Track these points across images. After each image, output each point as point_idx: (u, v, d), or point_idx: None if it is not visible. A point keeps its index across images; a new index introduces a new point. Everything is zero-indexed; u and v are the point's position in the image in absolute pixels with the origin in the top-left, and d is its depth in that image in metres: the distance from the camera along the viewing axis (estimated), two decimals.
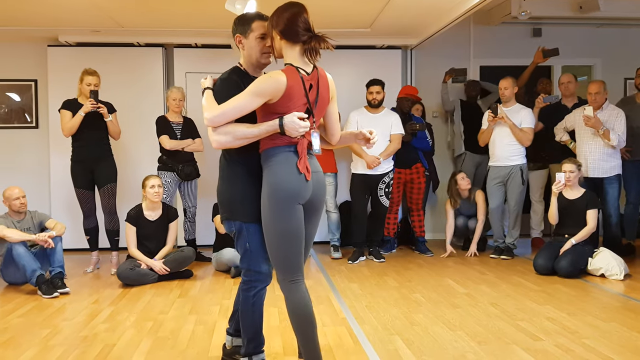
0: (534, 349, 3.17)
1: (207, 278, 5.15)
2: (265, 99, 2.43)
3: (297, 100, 2.48)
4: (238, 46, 2.66)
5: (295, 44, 2.49)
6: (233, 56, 6.24)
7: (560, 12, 6.50)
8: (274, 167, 2.49)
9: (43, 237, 4.65)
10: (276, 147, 2.50)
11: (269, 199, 2.47)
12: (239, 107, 2.43)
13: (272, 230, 2.49)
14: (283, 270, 2.52)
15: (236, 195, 2.59)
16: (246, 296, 2.65)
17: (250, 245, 2.59)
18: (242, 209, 2.57)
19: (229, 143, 2.47)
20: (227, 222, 2.64)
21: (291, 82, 2.44)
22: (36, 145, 6.59)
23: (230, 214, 2.61)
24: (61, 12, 5.31)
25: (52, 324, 3.77)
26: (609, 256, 4.96)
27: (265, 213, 2.50)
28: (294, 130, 2.43)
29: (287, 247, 2.49)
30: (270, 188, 2.47)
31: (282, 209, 2.47)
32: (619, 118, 5.44)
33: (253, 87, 2.43)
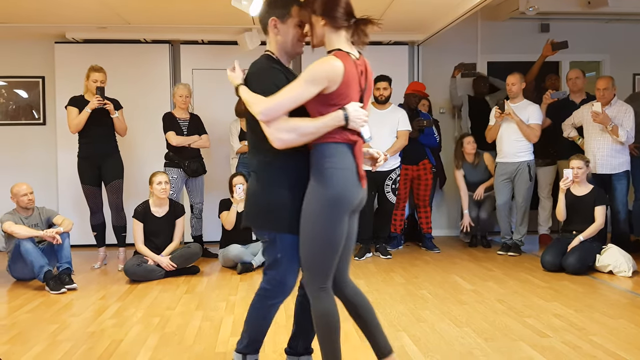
0: (541, 346, 3.16)
1: (213, 274, 5.16)
2: (321, 87, 2.19)
3: (354, 87, 2.28)
4: (270, 31, 2.40)
5: (340, 28, 2.29)
6: (240, 52, 6.29)
7: (569, 7, 6.45)
8: (332, 172, 2.25)
9: (51, 233, 4.67)
10: (333, 143, 2.27)
11: (322, 209, 2.25)
12: (294, 97, 2.19)
13: (317, 240, 2.29)
14: (317, 277, 2.34)
15: (272, 204, 2.35)
16: (263, 303, 2.48)
17: (281, 256, 2.37)
18: (278, 219, 2.35)
19: (294, 141, 2.22)
20: (259, 229, 2.43)
21: (348, 67, 2.23)
22: (43, 141, 6.61)
23: (264, 222, 2.39)
24: (68, 9, 5.32)
25: (59, 320, 3.79)
26: (617, 253, 4.93)
27: (313, 221, 2.28)
28: (359, 122, 2.24)
29: (329, 256, 2.31)
30: (326, 198, 2.24)
31: (334, 220, 2.27)
32: (628, 114, 5.40)
33: (308, 75, 2.19)
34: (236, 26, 5.95)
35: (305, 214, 2.29)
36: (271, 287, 2.44)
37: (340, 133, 2.26)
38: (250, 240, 5.53)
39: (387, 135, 5.62)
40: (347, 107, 2.23)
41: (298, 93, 2.19)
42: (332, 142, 2.26)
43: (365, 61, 2.38)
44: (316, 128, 2.22)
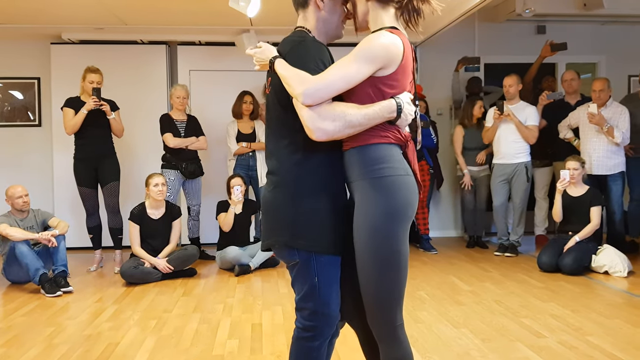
0: (538, 346, 3.17)
1: (211, 276, 5.15)
2: (377, 67, 1.79)
3: (408, 75, 1.88)
4: (312, 4, 1.96)
5: (388, 4, 1.92)
6: (237, 54, 6.28)
7: (565, 9, 6.47)
8: (392, 180, 1.83)
9: (46, 235, 4.64)
10: (385, 144, 1.85)
11: (386, 225, 1.81)
12: (347, 77, 1.76)
13: (385, 260, 1.83)
14: (392, 312, 1.89)
15: (305, 215, 1.88)
16: (309, 347, 1.96)
17: (319, 281, 1.90)
18: (313, 235, 1.88)
19: (339, 132, 1.78)
20: (287, 248, 1.92)
21: (407, 50, 1.86)
22: (39, 143, 6.59)
23: (293, 239, 1.89)
24: (64, 9, 5.30)
25: (55, 323, 3.78)
26: (613, 253, 4.95)
27: (376, 237, 1.82)
28: (408, 119, 1.87)
29: (402, 280, 1.88)
30: (388, 211, 1.81)
31: (402, 233, 1.85)
32: (623, 115, 5.43)
33: (362, 51, 1.78)
34: (234, 27, 5.94)
35: (364, 235, 1.84)
36: (314, 322, 1.94)
37: (391, 131, 1.86)
38: (248, 242, 5.52)
39: None
40: (400, 97, 1.84)
41: (352, 72, 1.77)
42: (384, 143, 1.86)
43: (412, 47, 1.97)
44: (367, 117, 1.79)
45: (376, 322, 1.90)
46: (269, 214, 1.97)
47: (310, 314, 1.94)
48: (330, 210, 1.89)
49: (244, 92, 5.86)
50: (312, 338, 1.95)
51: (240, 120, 5.86)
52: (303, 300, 1.94)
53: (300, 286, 1.95)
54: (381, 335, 1.91)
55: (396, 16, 1.93)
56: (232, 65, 6.54)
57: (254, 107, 5.85)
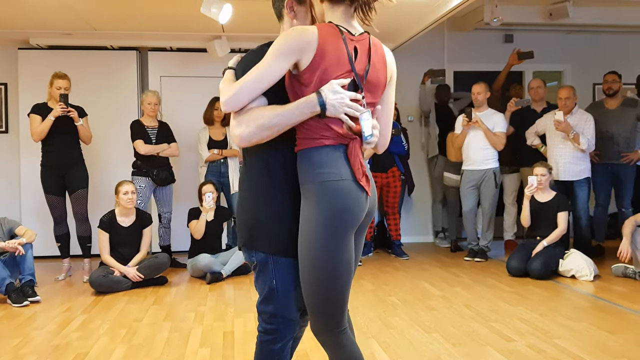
0: (507, 350, 3.22)
1: (182, 284, 5.10)
2: (291, 60, 1.76)
3: (336, 63, 1.80)
4: (286, 15, 1.96)
5: (338, 3, 1.90)
6: (209, 60, 6.26)
7: (531, 18, 6.61)
8: (324, 182, 1.79)
9: (13, 244, 4.54)
10: (323, 147, 1.81)
11: (319, 227, 1.79)
12: (260, 76, 1.75)
13: (319, 267, 1.81)
14: (330, 317, 1.88)
15: (260, 217, 1.90)
16: (270, 350, 1.95)
17: (277, 284, 1.89)
18: (268, 236, 1.89)
19: (255, 135, 1.77)
20: (245, 250, 1.95)
21: (324, 36, 1.79)
22: (6, 150, 6.46)
23: (250, 240, 1.92)
24: (32, 14, 5.22)
25: (22, 333, 3.70)
26: (579, 257, 5.06)
27: (309, 244, 1.81)
28: (341, 108, 1.76)
29: (338, 288, 1.87)
30: (321, 213, 1.79)
31: (336, 240, 1.81)
32: (588, 122, 5.57)
33: (275, 45, 1.77)
34: (205, 33, 5.92)
35: (302, 240, 1.83)
36: (274, 325, 1.94)
37: (330, 130, 1.80)
38: (220, 249, 5.49)
39: None
40: (323, 88, 1.76)
41: (266, 70, 1.76)
42: (320, 146, 1.81)
43: (373, 43, 1.97)
44: (282, 116, 1.76)
45: (317, 329, 1.91)
46: (237, 215, 2.03)
47: (270, 316, 1.94)
48: (287, 212, 1.88)
49: (216, 99, 5.84)
50: (273, 341, 1.96)
51: (212, 126, 5.84)
52: (263, 303, 1.95)
53: (260, 289, 1.95)
54: (324, 341, 1.93)
55: (347, 15, 1.92)
56: (203, 72, 6.51)
57: (225, 113, 5.82)
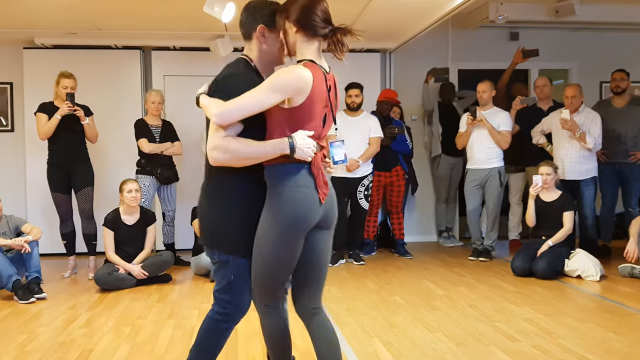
0: (512, 350, 3.21)
1: (186, 282, 5.11)
2: (284, 96, 2.03)
3: (319, 104, 2.13)
4: (256, 39, 2.21)
5: (314, 37, 2.13)
6: (212, 59, 6.26)
7: (537, 16, 6.57)
8: (284, 191, 2.11)
9: (19, 242, 4.57)
10: (287, 164, 2.11)
11: (273, 229, 2.12)
12: (254, 103, 2.03)
13: (267, 260, 2.16)
14: (264, 296, 2.27)
15: (224, 222, 2.19)
16: (217, 328, 2.29)
17: (235, 278, 2.21)
18: (231, 240, 2.19)
19: (228, 162, 2.08)
20: (208, 248, 2.25)
21: (316, 81, 2.08)
22: (12, 148, 6.48)
23: (213, 242, 2.22)
24: (37, 14, 5.24)
25: (28, 330, 3.72)
26: (585, 257, 5.03)
27: (264, 241, 2.14)
28: (306, 152, 2.07)
29: (278, 277, 2.22)
30: (278, 217, 2.11)
31: (287, 242, 2.14)
32: (595, 121, 5.53)
33: (272, 82, 2.03)
34: (208, 33, 5.92)
35: (259, 232, 2.15)
36: (227, 310, 2.26)
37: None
38: None
39: (359, 142, 5.65)
40: (294, 135, 2.07)
41: (259, 99, 2.03)
42: (285, 164, 2.11)
43: (334, 77, 2.24)
44: (255, 154, 2.07)
45: (254, 298, 2.30)
46: (200, 217, 2.29)
47: (225, 303, 2.26)
48: (249, 219, 2.17)
49: None
50: (223, 321, 2.28)
51: None
52: (220, 291, 2.26)
53: (219, 280, 2.25)
54: (256, 307, 2.33)
55: (319, 48, 2.16)
56: (206, 71, 6.41)
57: None
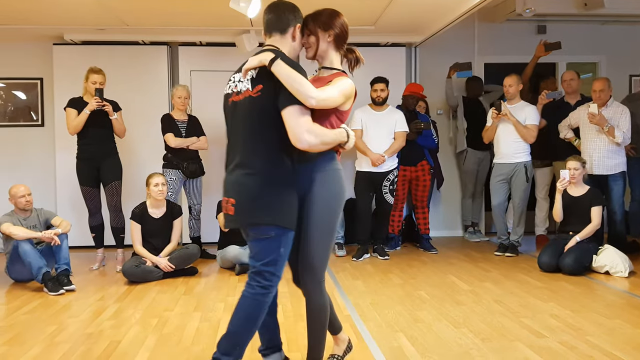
0: (538, 346, 3.18)
1: (211, 275, 5.17)
2: (343, 101, 2.43)
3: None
4: (290, 35, 2.50)
5: (339, 50, 2.57)
6: (238, 54, 6.32)
7: (565, 9, 6.47)
8: (338, 174, 2.54)
9: (49, 234, 4.67)
10: (332, 151, 2.53)
11: (337, 203, 2.52)
12: (335, 100, 2.39)
13: (331, 234, 2.52)
14: (323, 272, 2.54)
15: (282, 200, 2.42)
16: (262, 301, 2.46)
17: (283, 252, 2.44)
18: (287, 215, 2.42)
19: (315, 147, 2.35)
20: (268, 227, 2.40)
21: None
22: (42, 143, 6.61)
23: (272, 218, 2.39)
24: (66, 10, 5.33)
25: (57, 321, 3.80)
26: (614, 253, 4.95)
27: (334, 217, 2.51)
28: (352, 143, 2.51)
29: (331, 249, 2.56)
30: (341, 196, 2.53)
31: (339, 214, 2.54)
32: (624, 115, 5.43)
33: (342, 87, 2.41)
34: (234, 28, 5.96)
35: (324, 211, 2.48)
36: (270, 282, 2.44)
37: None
38: None
39: (385, 136, 5.64)
40: (346, 127, 2.48)
41: (337, 98, 2.38)
42: (330, 151, 2.51)
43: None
44: (331, 140, 2.40)
45: (309, 279, 2.52)
46: (250, 198, 2.40)
47: (270, 275, 2.43)
48: (294, 196, 2.43)
49: None
50: (267, 294, 2.45)
51: None
52: (266, 265, 2.42)
53: (265, 254, 2.42)
54: (311, 288, 2.54)
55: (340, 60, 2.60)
56: (232, 66, 6.37)
57: None
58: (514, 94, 5.76)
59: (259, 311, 2.46)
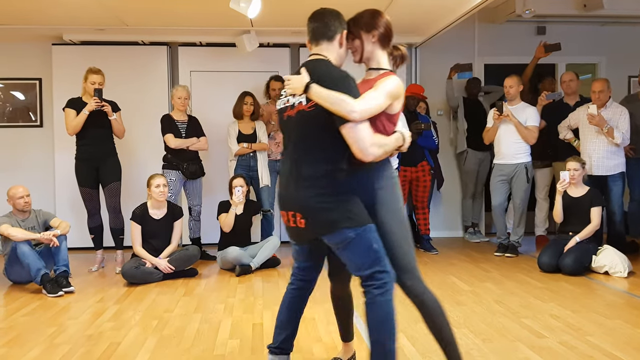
0: (538, 346, 3.18)
1: (212, 276, 5.16)
2: (391, 102, 2.39)
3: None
4: (338, 41, 2.49)
5: (385, 49, 2.54)
6: (238, 55, 6.31)
7: (565, 10, 6.48)
8: (395, 178, 2.55)
9: (48, 235, 4.66)
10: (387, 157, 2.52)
11: (402, 206, 2.53)
12: (380, 105, 2.35)
13: (409, 231, 2.53)
14: (417, 267, 2.51)
15: (349, 202, 2.39)
16: (386, 300, 2.36)
17: (378, 244, 2.39)
18: (359, 213, 2.39)
19: (379, 156, 2.38)
20: (346, 229, 2.36)
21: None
22: (41, 144, 6.60)
23: (351, 220, 2.37)
24: (65, 10, 5.31)
25: (57, 323, 3.79)
26: (613, 253, 4.96)
27: (401, 217, 2.51)
28: (407, 146, 2.50)
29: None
30: (400, 198, 2.53)
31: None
32: (623, 116, 5.44)
33: (387, 89, 2.37)
34: (234, 28, 5.95)
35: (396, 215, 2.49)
36: (384, 279, 2.37)
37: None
38: (249, 242, 5.54)
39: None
40: (400, 130, 2.46)
41: (382, 103, 2.34)
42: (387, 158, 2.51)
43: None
44: (393, 147, 2.43)
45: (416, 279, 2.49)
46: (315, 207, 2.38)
47: (379, 274, 2.36)
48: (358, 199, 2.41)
49: (245, 93, 5.87)
50: (388, 293, 2.36)
51: (241, 120, 5.87)
52: (370, 267, 2.36)
53: (361, 258, 2.37)
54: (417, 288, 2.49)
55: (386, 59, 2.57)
56: (232, 66, 6.56)
57: (254, 107, 5.86)
58: (515, 94, 5.76)
59: (390, 310, 2.37)
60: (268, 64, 6.57)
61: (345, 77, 2.35)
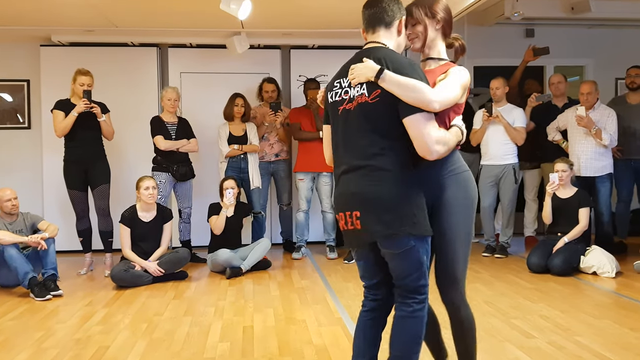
0: (528, 347, 3.19)
1: (202, 279, 5.14)
2: (462, 93, 2.23)
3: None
4: (397, 28, 2.26)
5: (446, 38, 2.37)
6: (228, 56, 6.28)
7: (553, 13, 6.53)
8: (468, 172, 2.36)
9: (35, 239, 4.62)
10: (457, 150, 2.34)
11: (473, 207, 2.34)
12: (456, 96, 2.19)
13: (470, 242, 2.34)
14: (464, 283, 2.36)
15: (415, 206, 2.18)
16: (423, 316, 2.27)
17: (426, 260, 2.24)
18: (423, 222, 2.19)
19: (443, 154, 2.17)
20: (403, 237, 2.16)
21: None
22: (29, 146, 6.55)
23: (410, 227, 2.16)
24: (54, 11, 5.27)
25: (45, 327, 3.76)
26: (601, 254, 5.00)
27: (467, 222, 2.30)
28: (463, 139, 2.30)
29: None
30: (473, 196, 2.34)
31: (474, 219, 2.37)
32: (611, 118, 5.49)
33: (459, 80, 2.21)
34: (225, 30, 5.94)
35: (463, 219, 2.29)
36: (425, 294, 2.27)
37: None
38: (239, 244, 5.52)
39: None
40: (457, 123, 2.27)
41: (459, 93, 2.20)
42: (454, 150, 2.31)
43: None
44: (455, 142, 2.23)
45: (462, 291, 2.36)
46: (378, 207, 2.16)
47: (423, 288, 2.27)
48: (424, 201, 2.21)
49: (236, 95, 5.86)
50: (424, 307, 2.29)
51: (232, 122, 5.86)
52: (418, 279, 2.24)
53: (412, 269, 2.22)
54: (459, 300, 2.36)
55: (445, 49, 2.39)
56: (223, 68, 6.55)
57: (245, 109, 5.85)
58: (501, 96, 5.80)
59: (422, 327, 2.27)
60: (259, 66, 6.56)
61: (413, 64, 2.16)
